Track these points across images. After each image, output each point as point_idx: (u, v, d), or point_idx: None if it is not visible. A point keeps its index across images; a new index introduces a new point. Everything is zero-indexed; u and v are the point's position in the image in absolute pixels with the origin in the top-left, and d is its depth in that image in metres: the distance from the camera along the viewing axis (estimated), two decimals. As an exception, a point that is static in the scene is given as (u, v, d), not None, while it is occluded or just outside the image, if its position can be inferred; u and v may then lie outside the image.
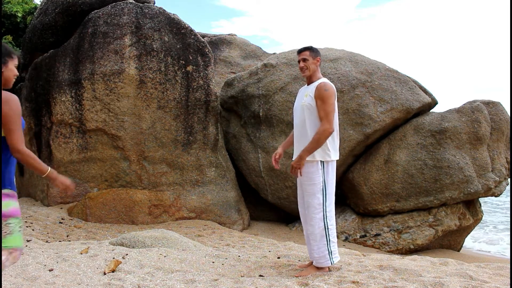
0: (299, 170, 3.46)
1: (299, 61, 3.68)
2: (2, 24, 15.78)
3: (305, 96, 3.60)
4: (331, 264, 3.53)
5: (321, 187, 3.46)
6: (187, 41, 7.49)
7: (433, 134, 7.38)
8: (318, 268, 3.55)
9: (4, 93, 2.46)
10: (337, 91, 7.53)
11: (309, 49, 3.64)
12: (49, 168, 2.65)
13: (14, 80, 2.63)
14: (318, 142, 3.40)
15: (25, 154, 2.52)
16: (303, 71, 3.65)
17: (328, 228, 3.48)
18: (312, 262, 3.68)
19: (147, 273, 3.52)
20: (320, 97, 3.47)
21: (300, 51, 3.67)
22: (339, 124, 7.59)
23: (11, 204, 2.54)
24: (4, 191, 2.51)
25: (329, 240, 3.49)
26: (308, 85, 3.69)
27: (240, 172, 8.33)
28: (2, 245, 2.48)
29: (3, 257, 2.48)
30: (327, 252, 3.49)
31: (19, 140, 2.48)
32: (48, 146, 7.46)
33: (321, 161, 3.47)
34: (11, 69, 2.60)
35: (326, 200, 3.48)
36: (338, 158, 3.61)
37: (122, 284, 3.21)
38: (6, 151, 2.55)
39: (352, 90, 7.59)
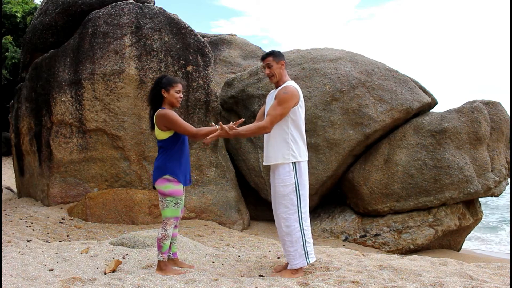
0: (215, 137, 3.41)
1: (264, 68, 3.68)
2: (2, 24, 15.78)
3: (274, 99, 3.62)
4: (307, 264, 3.56)
5: (294, 188, 3.51)
6: (187, 41, 7.49)
7: (433, 134, 7.38)
8: (293, 272, 3.54)
9: (160, 111, 3.50)
10: (337, 91, 7.60)
11: (272, 54, 3.64)
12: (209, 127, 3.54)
13: (179, 101, 3.62)
14: (251, 132, 3.53)
15: (196, 134, 3.48)
16: (270, 78, 3.69)
17: (303, 229, 3.53)
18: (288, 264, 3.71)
19: (147, 273, 3.52)
20: (277, 97, 3.53)
21: (263, 58, 3.68)
22: (338, 124, 7.62)
23: (170, 186, 3.48)
24: (165, 176, 3.47)
25: (305, 240, 3.53)
26: (276, 88, 3.71)
27: (240, 172, 8.33)
28: (162, 215, 3.53)
29: (163, 225, 3.50)
30: (304, 252, 3.53)
31: (186, 129, 3.46)
32: (48, 146, 7.46)
33: (292, 162, 3.52)
34: (173, 94, 3.56)
35: (300, 202, 3.53)
36: (307, 159, 3.65)
37: (122, 284, 3.21)
38: (167, 148, 3.53)
39: (352, 90, 7.60)
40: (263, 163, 3.77)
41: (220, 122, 3.46)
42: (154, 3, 8.35)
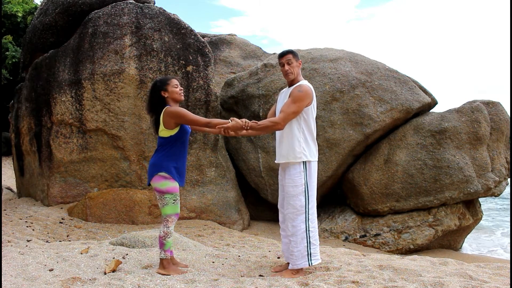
0: (231, 130, 3.39)
1: (283, 65, 3.64)
2: (2, 24, 15.79)
3: (288, 97, 3.60)
4: (309, 265, 3.53)
5: (303, 189, 3.49)
6: (187, 41, 7.49)
7: (433, 134, 7.38)
8: (293, 272, 3.53)
9: (168, 108, 3.53)
10: (337, 91, 7.60)
11: (292, 52, 3.64)
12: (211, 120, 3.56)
13: (181, 94, 3.66)
14: (264, 127, 3.48)
15: (207, 123, 3.49)
16: (288, 75, 3.64)
17: (309, 230, 3.51)
18: (288, 264, 3.68)
19: (147, 273, 3.52)
20: (292, 95, 3.52)
21: (283, 55, 3.65)
22: (338, 124, 7.61)
23: (167, 184, 3.45)
24: (160, 173, 3.44)
25: (310, 242, 3.51)
26: (289, 87, 3.69)
27: (240, 172, 8.33)
28: (162, 213, 3.51)
29: (165, 223, 3.49)
30: (307, 253, 3.51)
31: (198, 120, 3.49)
32: (48, 146, 7.46)
33: (303, 162, 3.50)
34: (172, 90, 3.58)
35: (308, 203, 3.51)
36: (317, 160, 3.63)
37: (122, 284, 3.21)
38: (166, 147, 3.50)
39: (352, 90, 7.60)
40: (275, 161, 3.75)
41: (232, 117, 3.48)
42: (154, 3, 8.35)
